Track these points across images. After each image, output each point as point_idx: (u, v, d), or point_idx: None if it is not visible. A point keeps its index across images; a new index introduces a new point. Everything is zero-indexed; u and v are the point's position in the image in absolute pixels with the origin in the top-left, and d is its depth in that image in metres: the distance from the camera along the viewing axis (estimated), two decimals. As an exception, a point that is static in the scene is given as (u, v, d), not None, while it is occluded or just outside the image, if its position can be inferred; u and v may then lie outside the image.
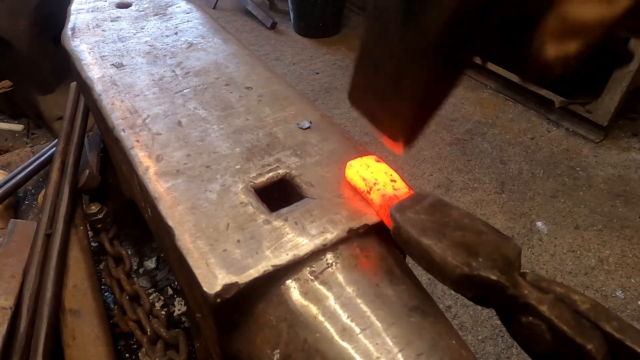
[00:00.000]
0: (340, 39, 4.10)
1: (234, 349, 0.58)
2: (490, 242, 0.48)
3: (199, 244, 0.56)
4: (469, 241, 0.48)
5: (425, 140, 2.96)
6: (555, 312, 0.42)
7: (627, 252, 2.29)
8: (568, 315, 0.42)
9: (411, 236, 0.50)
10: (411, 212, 0.53)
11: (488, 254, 0.47)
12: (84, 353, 0.95)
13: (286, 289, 0.54)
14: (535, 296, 0.43)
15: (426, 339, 0.50)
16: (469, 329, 1.97)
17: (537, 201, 2.58)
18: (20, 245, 1.09)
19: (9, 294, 0.96)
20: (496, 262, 0.46)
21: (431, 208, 0.53)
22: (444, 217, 0.52)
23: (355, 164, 0.64)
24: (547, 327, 0.42)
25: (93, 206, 1.20)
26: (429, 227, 0.50)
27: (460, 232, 0.49)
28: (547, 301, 0.43)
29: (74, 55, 0.95)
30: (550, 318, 0.42)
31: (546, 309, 0.42)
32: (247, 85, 0.87)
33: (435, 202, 0.54)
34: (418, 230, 0.50)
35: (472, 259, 0.46)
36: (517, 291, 0.44)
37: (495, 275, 0.45)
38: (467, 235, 0.49)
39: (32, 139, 2.68)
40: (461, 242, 0.48)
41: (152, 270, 1.39)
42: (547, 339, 0.42)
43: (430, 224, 0.51)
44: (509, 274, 0.45)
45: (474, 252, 0.47)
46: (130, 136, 0.74)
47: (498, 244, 0.48)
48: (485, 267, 0.45)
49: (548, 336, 0.42)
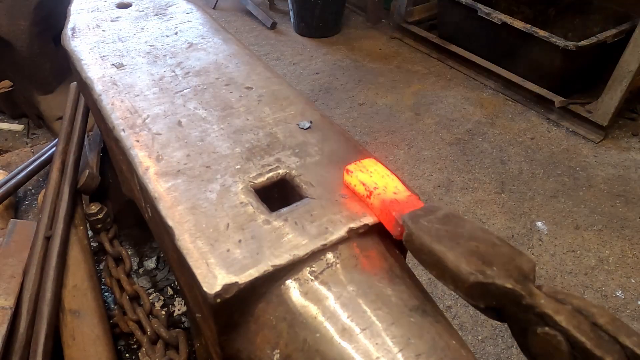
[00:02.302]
0: (340, 39, 4.10)
1: (234, 349, 0.58)
2: (504, 254, 0.47)
3: (198, 244, 0.56)
4: (483, 251, 0.47)
5: (425, 140, 2.96)
6: (574, 323, 0.41)
7: (627, 252, 2.30)
8: (587, 326, 0.40)
9: (424, 242, 0.49)
10: (425, 220, 0.52)
11: (503, 264, 0.45)
12: (84, 353, 0.95)
13: (286, 289, 0.54)
14: (552, 306, 0.42)
15: (426, 339, 0.49)
16: (469, 329, 1.97)
17: (537, 201, 2.58)
18: (20, 245, 1.09)
19: (8, 294, 0.96)
20: (511, 272, 0.45)
21: (444, 219, 0.52)
22: (457, 228, 0.51)
23: (353, 168, 0.63)
24: (564, 338, 0.41)
25: (93, 206, 1.20)
26: (442, 235, 0.49)
27: (475, 242, 0.48)
28: (564, 311, 0.41)
29: (74, 55, 0.95)
30: (567, 329, 0.40)
31: (564, 319, 0.41)
32: (247, 85, 0.87)
33: (448, 214, 0.54)
34: (431, 237, 0.49)
35: (486, 267, 0.45)
36: (534, 300, 0.43)
37: (510, 284, 0.44)
38: (481, 246, 0.48)
39: (32, 139, 2.68)
40: (475, 252, 0.47)
41: (152, 270, 1.39)
42: (564, 352, 0.41)
43: (443, 232, 0.50)
44: (524, 283, 0.44)
45: (488, 261, 0.45)
46: (130, 136, 0.74)
47: (512, 257, 0.47)
48: (500, 275, 0.44)
49: (565, 348, 0.41)
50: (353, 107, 3.25)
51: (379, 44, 4.00)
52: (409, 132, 3.03)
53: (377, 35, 4.12)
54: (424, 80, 3.56)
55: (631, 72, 2.70)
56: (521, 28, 3.08)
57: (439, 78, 3.58)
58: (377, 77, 3.57)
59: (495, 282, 0.44)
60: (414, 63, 3.75)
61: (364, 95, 3.38)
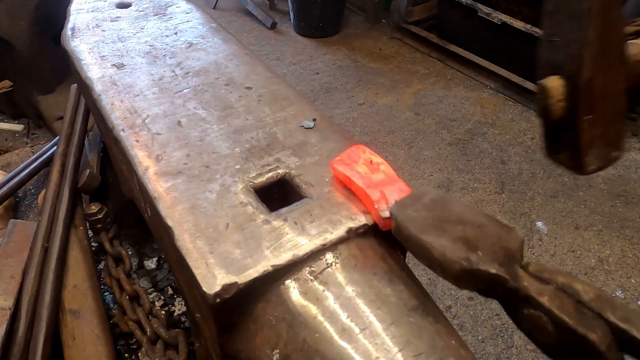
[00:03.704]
0: (340, 39, 4.10)
1: (234, 349, 0.58)
2: (490, 235, 0.49)
3: (198, 244, 0.56)
4: (469, 235, 0.48)
5: (425, 140, 2.96)
6: (556, 303, 0.42)
7: (627, 252, 2.29)
8: (569, 306, 0.42)
9: (411, 234, 0.51)
10: (411, 209, 0.53)
11: (488, 247, 0.47)
12: (84, 353, 0.95)
13: (285, 289, 0.54)
14: (535, 288, 0.44)
15: (425, 339, 0.49)
16: (469, 329, 1.97)
17: (537, 201, 2.58)
18: (20, 245, 1.09)
19: (8, 295, 0.96)
20: (496, 254, 0.46)
21: (431, 204, 0.54)
22: (444, 213, 0.52)
23: (337, 164, 0.64)
24: (548, 319, 0.42)
25: (93, 206, 1.20)
26: (428, 224, 0.51)
27: (461, 226, 0.50)
28: (547, 292, 0.43)
29: (74, 55, 0.95)
30: (550, 309, 0.42)
31: (546, 300, 0.42)
32: (247, 85, 0.87)
33: (435, 198, 0.55)
34: (418, 228, 0.51)
35: (471, 254, 0.46)
36: (517, 283, 0.44)
37: (494, 269, 0.45)
38: (467, 229, 0.49)
39: (32, 139, 2.68)
40: (461, 237, 0.48)
41: (152, 270, 1.39)
42: (550, 330, 0.42)
43: (430, 220, 0.51)
44: (509, 266, 0.46)
45: (473, 246, 0.47)
46: (130, 136, 0.74)
47: (499, 236, 0.49)
48: (484, 261, 0.46)
49: (550, 327, 0.42)
50: (353, 107, 3.25)
51: (379, 44, 4.00)
52: (409, 132, 3.03)
53: (377, 36, 4.12)
54: (424, 80, 3.56)
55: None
56: (521, 28, 3.08)
57: (439, 78, 3.58)
58: (377, 77, 3.57)
59: (480, 269, 0.46)
60: (414, 63, 3.75)
61: (364, 95, 3.38)
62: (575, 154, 0.66)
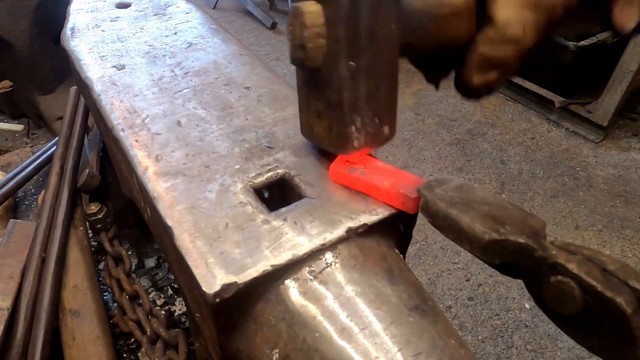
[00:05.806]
0: (340, 39, 4.10)
1: (233, 349, 0.58)
2: (516, 216, 0.51)
3: (198, 243, 0.56)
4: (495, 214, 0.50)
5: (425, 140, 2.96)
6: (585, 269, 0.44)
7: (627, 252, 2.29)
8: (597, 272, 0.43)
9: (439, 208, 0.52)
10: (439, 189, 0.56)
11: (515, 223, 0.49)
12: (84, 353, 0.95)
13: (285, 288, 0.54)
14: (564, 256, 0.45)
15: (425, 339, 0.49)
16: (469, 329, 1.97)
17: (537, 201, 2.58)
18: (19, 245, 1.09)
19: (6, 295, 0.96)
20: (523, 229, 0.48)
21: (457, 188, 0.56)
22: (469, 195, 0.54)
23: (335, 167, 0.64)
24: (576, 284, 0.44)
25: (93, 206, 1.20)
26: (456, 202, 0.53)
27: (487, 206, 0.52)
28: (575, 260, 0.45)
29: (74, 55, 0.95)
30: (579, 275, 0.43)
31: (575, 267, 0.44)
32: (247, 85, 0.87)
33: (460, 184, 0.57)
34: (446, 204, 0.52)
35: (499, 226, 0.48)
36: (546, 253, 0.46)
37: (523, 239, 0.47)
38: (493, 209, 0.51)
39: (32, 139, 2.68)
40: (488, 214, 0.50)
41: (152, 270, 1.39)
42: (577, 296, 0.44)
43: (457, 199, 0.53)
44: (536, 239, 0.47)
45: (501, 221, 0.49)
46: (129, 136, 0.74)
47: (524, 217, 0.50)
48: (513, 232, 0.48)
49: (578, 293, 0.44)
50: (353, 107, 3.25)
51: (379, 44, 4.00)
52: (409, 132, 3.03)
53: (377, 36, 4.12)
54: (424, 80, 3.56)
55: (631, 72, 2.70)
56: (521, 28, 3.08)
57: (439, 78, 3.58)
58: (377, 77, 3.57)
59: (509, 238, 0.47)
60: (414, 63, 3.75)
61: (364, 95, 3.37)
62: (333, 124, 0.58)
